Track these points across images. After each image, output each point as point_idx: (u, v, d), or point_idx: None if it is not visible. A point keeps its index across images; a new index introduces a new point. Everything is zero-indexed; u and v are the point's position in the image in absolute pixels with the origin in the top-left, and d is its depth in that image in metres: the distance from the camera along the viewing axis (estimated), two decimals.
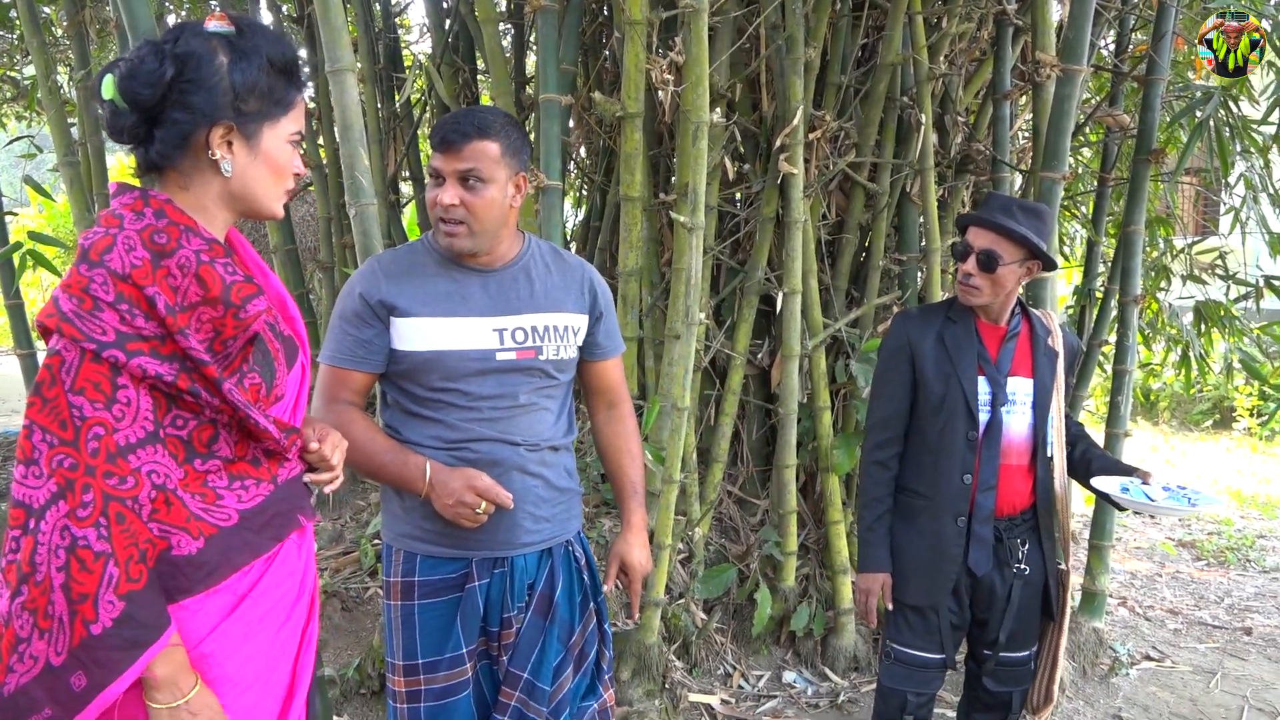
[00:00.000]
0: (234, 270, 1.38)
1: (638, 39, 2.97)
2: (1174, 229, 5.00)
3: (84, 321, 1.26)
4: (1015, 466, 2.39)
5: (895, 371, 2.42)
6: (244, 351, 1.39)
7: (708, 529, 3.73)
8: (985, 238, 2.29)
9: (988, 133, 4.06)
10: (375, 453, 1.86)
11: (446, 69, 4.44)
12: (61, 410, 1.25)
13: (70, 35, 4.56)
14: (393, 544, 1.98)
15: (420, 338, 1.86)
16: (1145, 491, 2.26)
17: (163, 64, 1.33)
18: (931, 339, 2.38)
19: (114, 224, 1.33)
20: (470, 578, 1.93)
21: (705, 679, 3.48)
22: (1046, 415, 2.39)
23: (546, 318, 1.94)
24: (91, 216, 4.38)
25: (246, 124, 1.39)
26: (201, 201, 1.41)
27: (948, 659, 2.45)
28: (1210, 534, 6.11)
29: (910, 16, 3.63)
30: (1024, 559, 2.42)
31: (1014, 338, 2.39)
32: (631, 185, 3.13)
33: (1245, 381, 8.79)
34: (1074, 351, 2.56)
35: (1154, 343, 5.10)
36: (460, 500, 1.81)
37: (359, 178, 2.43)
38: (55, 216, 13.18)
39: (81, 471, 1.24)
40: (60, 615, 1.24)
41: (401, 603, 1.95)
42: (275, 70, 1.41)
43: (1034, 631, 2.51)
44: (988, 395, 2.35)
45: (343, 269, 4.77)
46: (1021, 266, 2.31)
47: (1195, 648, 4.18)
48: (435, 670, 1.94)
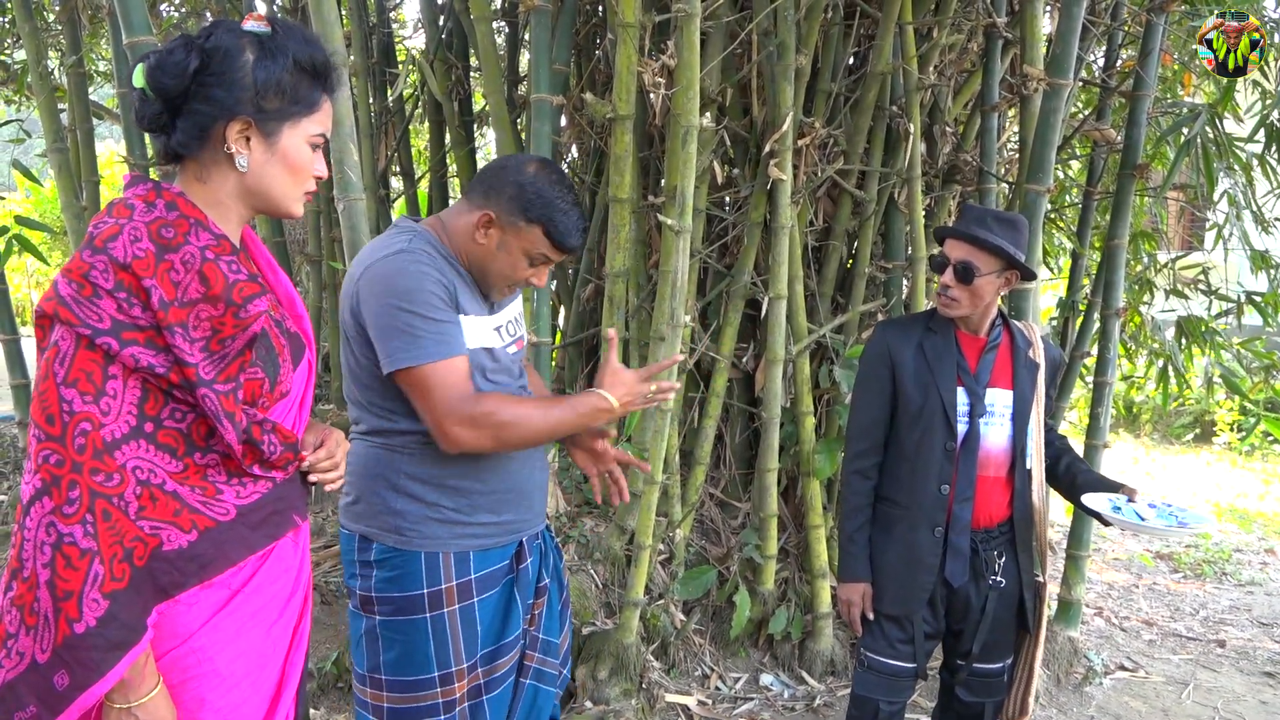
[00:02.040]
0: (238, 269, 1.38)
1: (630, 41, 2.99)
2: (1158, 244, 5.05)
3: (81, 307, 1.27)
4: (993, 478, 2.40)
5: (875, 379, 2.44)
6: (244, 353, 1.38)
7: (689, 530, 3.75)
8: (961, 249, 2.31)
9: (975, 144, 4.09)
10: (545, 416, 1.84)
11: (439, 65, 4.45)
12: (50, 405, 1.25)
13: (62, 21, 4.55)
14: (437, 550, 1.90)
15: (470, 337, 1.89)
16: (1136, 510, 2.26)
17: (189, 56, 1.35)
18: (912, 349, 2.40)
19: (124, 214, 1.33)
20: (522, 556, 2.00)
21: (683, 680, 3.49)
22: (1026, 427, 2.40)
23: (516, 308, 2.07)
24: (79, 203, 4.37)
25: (266, 121, 1.40)
26: (217, 196, 1.42)
27: (919, 668, 2.46)
28: (1188, 547, 6.16)
29: (901, 26, 3.65)
30: (1000, 571, 2.42)
31: (994, 349, 2.41)
32: (620, 187, 3.15)
33: (1226, 396, 8.86)
34: (1056, 363, 2.57)
35: (1136, 356, 5.14)
36: (643, 394, 1.89)
37: (348, 172, 2.44)
38: (41, 202, 13.11)
39: (68, 468, 1.24)
40: (45, 612, 1.23)
41: (460, 605, 1.91)
42: (301, 71, 1.42)
43: (1009, 643, 2.52)
44: (966, 406, 2.36)
45: (330, 263, 4.77)
46: (999, 277, 2.32)
47: (1169, 659, 4.22)
48: (497, 658, 1.98)
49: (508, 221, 1.84)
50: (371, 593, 1.93)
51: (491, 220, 1.85)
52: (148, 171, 3.99)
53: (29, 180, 4.47)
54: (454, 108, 4.53)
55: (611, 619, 3.39)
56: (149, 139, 4.35)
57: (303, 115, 1.44)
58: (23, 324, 5.66)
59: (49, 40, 5.53)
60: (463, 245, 1.91)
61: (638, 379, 1.89)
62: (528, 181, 1.84)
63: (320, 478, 1.57)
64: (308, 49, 1.43)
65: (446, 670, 1.90)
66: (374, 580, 1.92)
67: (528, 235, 1.85)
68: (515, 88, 4.44)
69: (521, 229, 1.84)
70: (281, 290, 1.57)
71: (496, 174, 1.90)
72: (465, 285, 1.92)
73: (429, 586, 1.89)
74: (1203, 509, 2.38)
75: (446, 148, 4.78)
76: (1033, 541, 2.48)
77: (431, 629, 1.89)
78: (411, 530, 1.89)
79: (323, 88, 1.46)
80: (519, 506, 1.98)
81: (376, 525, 1.92)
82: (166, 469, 1.34)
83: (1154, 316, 4.88)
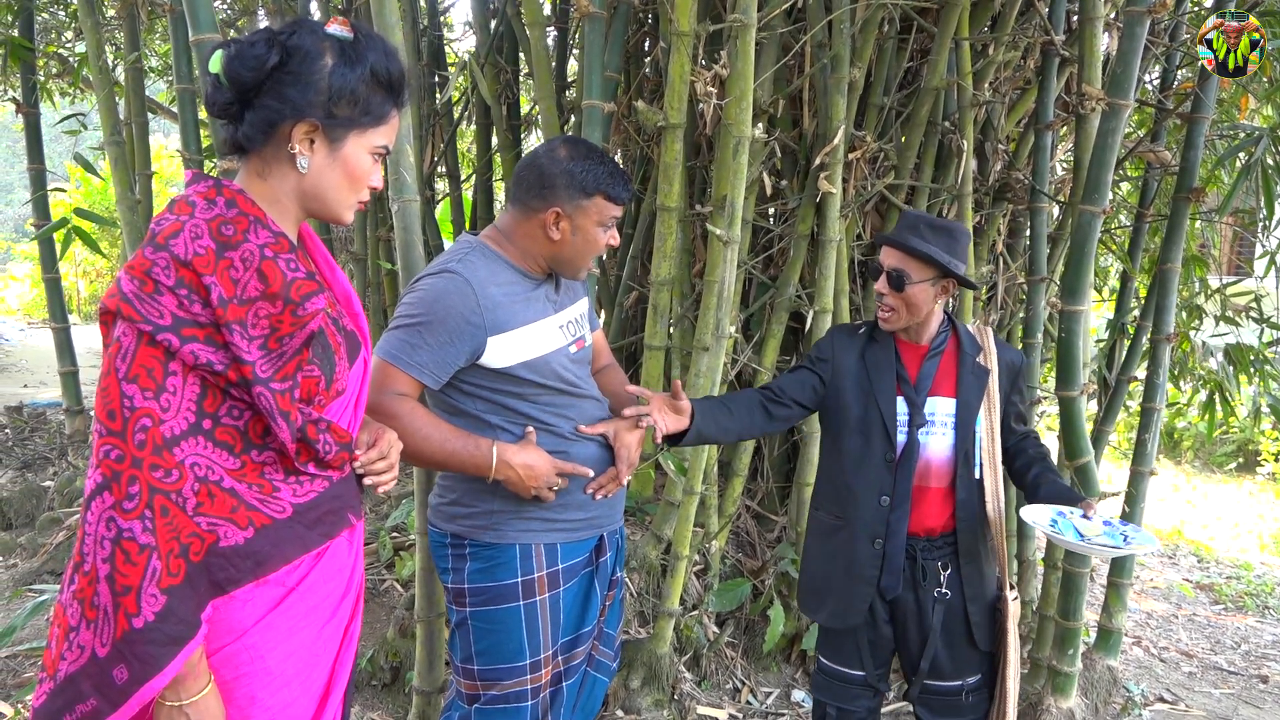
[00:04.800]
0: (296, 266, 1.38)
1: (684, 50, 2.98)
2: (1209, 268, 4.95)
3: (143, 304, 1.27)
4: (934, 489, 2.32)
5: (811, 367, 2.41)
6: (301, 351, 1.39)
7: (724, 542, 3.73)
8: (893, 256, 2.25)
9: (1027, 162, 4.04)
10: (445, 439, 1.89)
11: (489, 69, 4.47)
12: (112, 400, 1.26)
13: (122, 17, 4.63)
14: (530, 542, 2.01)
15: (518, 348, 1.96)
16: (1076, 527, 2.13)
17: (270, 51, 1.36)
18: (854, 356, 2.36)
19: (185, 211, 1.34)
20: (602, 550, 2.15)
21: (714, 692, 3.47)
22: (970, 435, 2.32)
23: (580, 307, 2.18)
24: (133, 195, 4.44)
25: (334, 127, 1.40)
26: (276, 194, 1.43)
27: (868, 676, 2.40)
28: (1229, 578, 6.04)
29: (957, 42, 3.62)
30: (944, 583, 2.34)
31: (936, 356, 2.34)
32: (669, 195, 3.14)
33: (1272, 426, 8.68)
34: (1014, 367, 2.43)
35: (1182, 381, 5.05)
36: (550, 482, 1.96)
37: (404, 174, 2.45)
38: (92, 193, 13.35)
39: (128, 463, 1.25)
40: (105, 606, 1.25)
41: (549, 595, 2.02)
42: (377, 82, 1.43)
43: (966, 662, 2.37)
44: (905, 416, 2.31)
45: (375, 261, 4.81)
46: (935, 285, 2.25)
47: (1210, 692, 4.13)
48: (575, 646, 2.10)
49: (573, 207, 1.98)
50: (464, 584, 2.03)
51: (560, 214, 1.97)
52: (201, 166, 4.04)
53: (88, 172, 4.54)
54: (502, 111, 4.55)
55: (645, 628, 3.37)
56: (205, 133, 4.40)
57: (370, 126, 1.44)
58: (70, 313, 5.77)
59: (106, 35, 5.63)
60: (534, 248, 2.02)
61: (548, 465, 1.95)
62: (571, 165, 1.97)
63: (375, 480, 1.57)
64: (386, 62, 1.44)
65: (536, 657, 2.00)
66: (466, 572, 2.02)
67: (594, 208, 1.99)
68: (563, 93, 4.45)
69: (586, 206, 1.98)
70: (339, 288, 1.57)
71: (538, 172, 2.00)
72: (524, 292, 1.99)
73: (522, 575, 2.00)
74: (1149, 533, 2.24)
75: (493, 151, 4.80)
76: (983, 553, 2.36)
77: (524, 617, 1.99)
78: (506, 526, 2.00)
79: (394, 102, 1.47)
80: (603, 503, 2.11)
81: (471, 524, 2.01)
82: (224, 466, 1.34)
83: (1204, 342, 4.79)
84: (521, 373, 1.96)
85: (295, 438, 1.39)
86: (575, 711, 2.20)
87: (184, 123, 4.03)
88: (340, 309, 1.54)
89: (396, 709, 3.23)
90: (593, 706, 2.26)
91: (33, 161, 5.08)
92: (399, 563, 3.74)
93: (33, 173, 5.08)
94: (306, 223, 1.53)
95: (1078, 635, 3.49)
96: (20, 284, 16.28)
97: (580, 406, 2.08)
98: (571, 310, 2.12)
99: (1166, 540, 7.03)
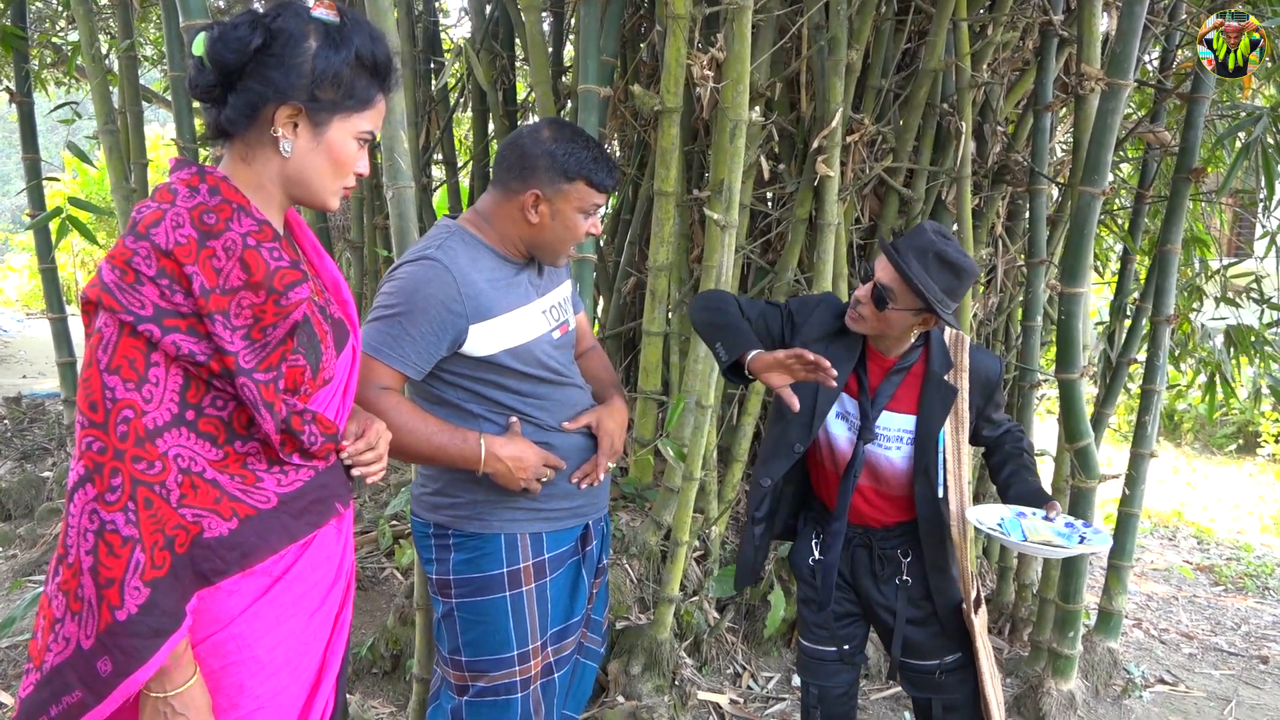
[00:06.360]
0: (279, 255, 1.36)
1: (680, 33, 2.96)
2: (1212, 250, 4.94)
3: (124, 294, 1.26)
4: (886, 494, 2.31)
5: (781, 314, 2.30)
6: (285, 341, 1.37)
7: (724, 528, 3.73)
8: (888, 273, 2.12)
9: (1026, 143, 4.02)
10: (431, 434, 1.86)
11: (485, 54, 4.44)
12: (94, 391, 1.24)
13: (115, 5, 4.59)
14: (515, 531, 1.99)
15: (501, 336, 1.92)
16: (1024, 528, 2.09)
17: (253, 33, 1.34)
18: (820, 337, 2.25)
19: (167, 199, 1.32)
20: (588, 539, 2.13)
21: (715, 678, 3.48)
22: (931, 451, 2.24)
23: (564, 290, 2.13)
24: (128, 184, 4.42)
25: (317, 111, 1.39)
26: (260, 179, 1.41)
27: (840, 653, 2.43)
28: (1229, 560, 6.05)
29: (955, 23, 3.59)
30: (906, 570, 2.34)
31: (901, 372, 2.26)
32: (666, 180, 3.12)
33: (1272, 407, 8.67)
34: (990, 381, 2.33)
35: (1181, 362, 5.04)
36: (538, 474, 1.94)
37: (398, 160, 2.43)
38: (88, 183, 13.31)
39: (110, 455, 1.24)
40: (89, 598, 1.24)
41: (536, 584, 2.01)
42: (362, 66, 1.41)
43: (938, 644, 2.37)
44: (848, 423, 2.27)
45: (372, 248, 4.79)
46: (916, 316, 2.15)
47: (1210, 674, 4.14)
48: (565, 636, 2.09)
49: (553, 190, 1.91)
50: (450, 575, 2.00)
51: (539, 196, 1.91)
52: (196, 154, 4.02)
53: (82, 162, 4.51)
54: (498, 97, 4.52)
55: (646, 614, 3.37)
56: (199, 122, 4.38)
57: (355, 110, 1.42)
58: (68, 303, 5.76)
59: (99, 24, 5.59)
60: (513, 231, 1.96)
61: (536, 457, 1.93)
62: (553, 147, 1.90)
63: (362, 471, 1.55)
64: (371, 45, 1.41)
65: (524, 648, 1.98)
66: (451, 563, 1.99)
67: (574, 193, 1.92)
68: (559, 78, 4.42)
69: (567, 191, 1.92)
70: (327, 275, 1.56)
71: (519, 153, 1.94)
72: (506, 278, 1.95)
73: (508, 566, 1.97)
74: (1106, 535, 2.21)
75: (489, 137, 4.77)
76: (945, 561, 2.32)
77: (511, 607, 1.97)
78: (491, 515, 1.97)
79: (380, 86, 1.45)
80: (588, 492, 2.08)
81: (455, 514, 1.99)
82: (207, 457, 1.33)
83: (1204, 324, 4.78)
84: (504, 360, 1.92)
85: (279, 429, 1.37)
86: (567, 699, 2.19)
87: (178, 111, 4.00)
88: (328, 296, 1.53)
89: (397, 696, 3.24)
90: (583, 693, 2.26)
91: (27, 151, 5.05)
92: (398, 551, 3.74)
93: (27, 162, 5.05)
94: (294, 209, 1.51)
95: (1078, 618, 3.50)
96: (18, 275, 16.28)
97: (564, 394, 2.04)
98: (554, 294, 2.07)
99: (1166, 522, 7.03)
